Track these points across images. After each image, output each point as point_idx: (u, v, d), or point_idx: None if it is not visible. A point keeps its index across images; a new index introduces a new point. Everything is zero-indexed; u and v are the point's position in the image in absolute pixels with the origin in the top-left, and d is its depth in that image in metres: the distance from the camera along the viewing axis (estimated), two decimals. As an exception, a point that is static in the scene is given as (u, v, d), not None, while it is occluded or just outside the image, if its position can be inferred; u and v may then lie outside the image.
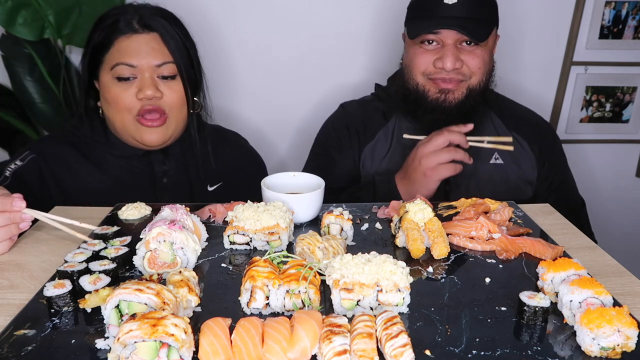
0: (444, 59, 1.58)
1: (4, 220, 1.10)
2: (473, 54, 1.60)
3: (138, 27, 1.48)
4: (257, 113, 2.41)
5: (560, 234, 1.24)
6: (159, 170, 1.61)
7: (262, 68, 2.33)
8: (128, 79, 1.47)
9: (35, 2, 2.02)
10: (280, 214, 1.12)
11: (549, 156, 1.79)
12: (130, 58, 1.46)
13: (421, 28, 1.60)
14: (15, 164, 1.51)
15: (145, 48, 1.47)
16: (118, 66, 1.46)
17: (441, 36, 1.59)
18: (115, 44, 1.48)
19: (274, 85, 2.36)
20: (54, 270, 1.01)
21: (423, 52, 1.63)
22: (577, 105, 2.53)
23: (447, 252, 1.10)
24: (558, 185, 1.81)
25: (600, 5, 2.34)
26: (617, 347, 0.79)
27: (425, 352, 0.80)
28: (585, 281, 0.88)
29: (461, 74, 1.61)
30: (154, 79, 1.48)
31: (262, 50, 2.31)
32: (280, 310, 0.91)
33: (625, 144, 2.62)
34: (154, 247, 1.00)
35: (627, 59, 2.45)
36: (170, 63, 1.49)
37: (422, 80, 1.65)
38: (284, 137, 2.46)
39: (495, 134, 1.76)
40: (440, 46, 1.61)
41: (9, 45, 2.15)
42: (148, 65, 1.47)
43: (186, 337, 0.73)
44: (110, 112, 1.52)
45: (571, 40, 2.39)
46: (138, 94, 1.46)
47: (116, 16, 1.50)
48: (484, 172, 1.73)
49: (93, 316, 0.88)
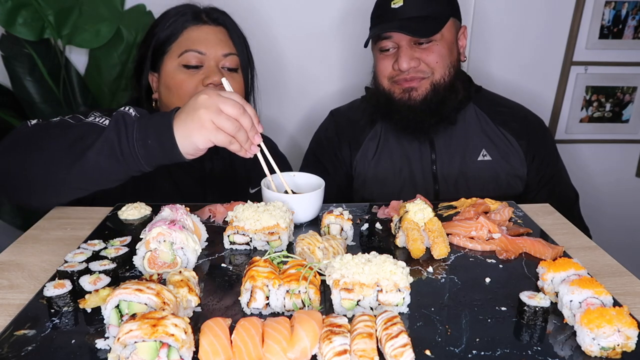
0: (399, 60, 1.62)
1: (248, 122, 1.12)
2: (428, 50, 1.63)
3: (207, 20, 1.56)
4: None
5: (560, 234, 1.24)
6: (208, 167, 1.63)
7: (263, 67, 2.34)
8: (195, 67, 1.51)
9: (35, 2, 2.02)
10: (280, 214, 1.12)
11: (538, 150, 1.78)
12: (199, 46, 1.51)
13: (373, 34, 1.67)
14: None
15: (214, 38, 1.54)
16: (187, 53, 1.51)
17: (395, 40, 1.64)
18: (184, 33, 1.53)
19: (266, 90, 2.36)
20: (54, 270, 1.01)
21: (383, 57, 1.69)
22: (577, 105, 2.53)
23: (447, 252, 1.10)
24: (549, 179, 1.80)
25: (600, 5, 2.34)
26: (617, 347, 0.79)
27: (425, 352, 0.80)
28: (585, 281, 0.88)
29: (420, 71, 1.64)
30: (219, 68, 1.53)
31: (263, 50, 2.31)
32: (280, 310, 0.91)
33: (625, 144, 2.63)
34: (154, 247, 1.00)
35: (627, 59, 2.45)
36: (235, 55, 1.56)
37: (388, 85, 1.70)
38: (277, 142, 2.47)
39: (480, 130, 1.77)
40: (397, 49, 1.65)
41: (9, 45, 2.14)
42: (215, 55, 1.52)
43: (186, 337, 0.73)
44: (171, 99, 1.53)
45: (571, 40, 2.39)
46: (205, 80, 1.50)
47: (183, 10, 1.56)
48: (472, 169, 1.74)
49: (93, 316, 0.88)
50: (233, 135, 1.12)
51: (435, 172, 1.74)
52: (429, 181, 1.75)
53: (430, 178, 1.75)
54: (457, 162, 1.73)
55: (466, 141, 1.74)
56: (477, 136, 1.76)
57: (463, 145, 1.72)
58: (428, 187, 1.75)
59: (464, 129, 1.75)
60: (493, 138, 1.76)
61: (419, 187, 1.74)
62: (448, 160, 1.74)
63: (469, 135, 1.75)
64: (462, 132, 1.75)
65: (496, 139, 1.76)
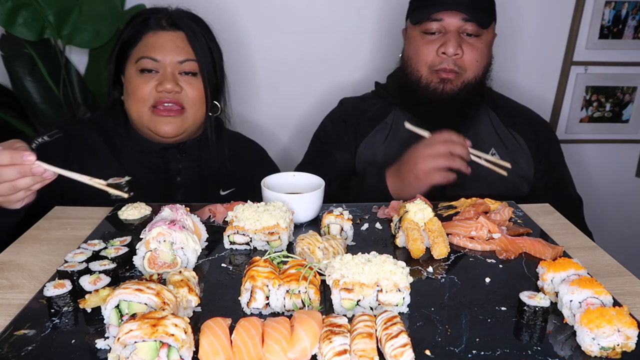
0: (447, 44, 1.60)
1: (14, 173, 1.12)
2: (473, 45, 1.63)
3: (166, 25, 1.55)
4: (259, 110, 2.42)
5: (560, 234, 1.24)
6: (174, 168, 1.63)
7: (264, 66, 2.34)
8: (150, 72, 1.52)
9: (35, 2, 2.01)
10: (280, 214, 1.12)
11: (546, 153, 1.79)
12: (154, 52, 1.51)
13: (426, 12, 1.63)
14: (43, 139, 1.56)
15: (170, 45, 1.53)
16: (142, 59, 1.52)
17: (444, 23, 1.62)
18: (143, 39, 1.54)
19: (275, 82, 2.37)
20: (54, 270, 1.01)
21: (426, 42, 1.65)
22: (577, 105, 2.53)
23: (447, 252, 1.10)
24: (555, 183, 1.81)
25: (600, 5, 2.34)
26: (617, 347, 0.79)
27: (425, 352, 0.80)
28: (585, 281, 0.88)
29: (458, 65, 1.63)
30: (174, 74, 1.53)
31: (263, 49, 2.31)
32: (280, 310, 0.91)
33: (625, 144, 2.62)
34: (154, 247, 1.00)
35: (627, 59, 2.45)
36: (193, 61, 1.54)
37: (426, 73, 1.67)
38: (285, 132, 2.47)
39: (492, 130, 1.77)
40: (442, 35, 1.63)
41: (9, 45, 2.15)
42: (171, 61, 1.52)
43: (186, 337, 0.73)
44: (129, 103, 1.57)
45: (571, 40, 2.39)
46: (157, 87, 1.51)
47: (148, 14, 1.57)
48: (481, 168, 1.73)
49: (93, 316, 0.88)
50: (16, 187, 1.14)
51: None
52: None
53: None
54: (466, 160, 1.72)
55: (477, 140, 1.73)
56: (487, 135, 1.76)
57: (474, 143, 1.71)
58: None
59: (474, 127, 1.75)
60: (503, 138, 1.76)
61: None
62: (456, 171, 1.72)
63: (479, 134, 1.75)
64: (473, 130, 1.75)
65: (506, 139, 1.76)
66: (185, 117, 1.55)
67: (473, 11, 1.60)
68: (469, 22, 1.61)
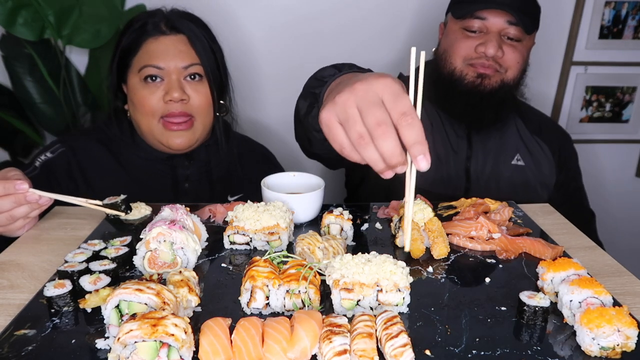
0: (487, 44, 1.58)
1: (10, 203, 1.12)
2: (514, 48, 1.61)
3: (165, 29, 1.51)
4: (266, 112, 2.41)
5: (560, 234, 1.24)
6: (181, 174, 1.62)
7: (270, 68, 2.34)
8: (155, 80, 1.48)
9: (35, 2, 2.01)
10: (280, 214, 1.12)
11: (566, 163, 1.81)
12: (157, 60, 1.48)
13: (471, 8, 1.60)
14: (46, 156, 1.54)
15: (173, 50, 1.49)
16: (145, 68, 1.48)
17: (487, 23, 1.60)
18: (143, 46, 1.50)
19: (281, 84, 2.35)
20: (54, 270, 1.01)
21: (466, 37, 1.63)
22: (577, 105, 2.53)
23: (447, 252, 1.10)
24: (572, 194, 1.81)
25: (600, 5, 2.34)
26: (617, 347, 0.79)
27: (425, 352, 0.80)
28: (585, 281, 0.88)
29: (499, 64, 1.61)
30: (180, 81, 1.50)
31: (269, 51, 2.31)
32: (280, 310, 0.91)
33: (625, 144, 2.63)
34: (154, 247, 1.00)
35: (627, 59, 2.45)
36: (197, 65, 1.51)
37: (461, 65, 1.65)
38: (292, 134, 2.46)
39: (517, 136, 1.76)
40: (483, 34, 1.61)
41: (9, 45, 2.15)
42: (175, 67, 1.48)
43: (186, 337, 0.73)
44: (136, 115, 1.54)
45: (571, 40, 2.39)
46: (165, 97, 1.48)
47: (145, 19, 1.52)
48: (505, 172, 1.73)
49: (93, 316, 0.88)
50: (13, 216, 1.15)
51: (469, 169, 1.72)
52: (461, 177, 1.72)
53: (463, 174, 1.73)
54: (490, 163, 1.71)
55: (502, 143, 1.73)
56: (513, 140, 1.76)
57: (499, 147, 1.69)
58: (460, 182, 1.72)
59: (501, 131, 1.74)
60: (528, 144, 1.76)
61: (451, 181, 1.72)
62: (483, 159, 1.72)
63: (505, 138, 1.75)
64: (499, 134, 1.74)
65: (531, 146, 1.76)
66: (196, 127, 1.54)
67: (520, 14, 1.57)
68: (513, 25, 1.58)
